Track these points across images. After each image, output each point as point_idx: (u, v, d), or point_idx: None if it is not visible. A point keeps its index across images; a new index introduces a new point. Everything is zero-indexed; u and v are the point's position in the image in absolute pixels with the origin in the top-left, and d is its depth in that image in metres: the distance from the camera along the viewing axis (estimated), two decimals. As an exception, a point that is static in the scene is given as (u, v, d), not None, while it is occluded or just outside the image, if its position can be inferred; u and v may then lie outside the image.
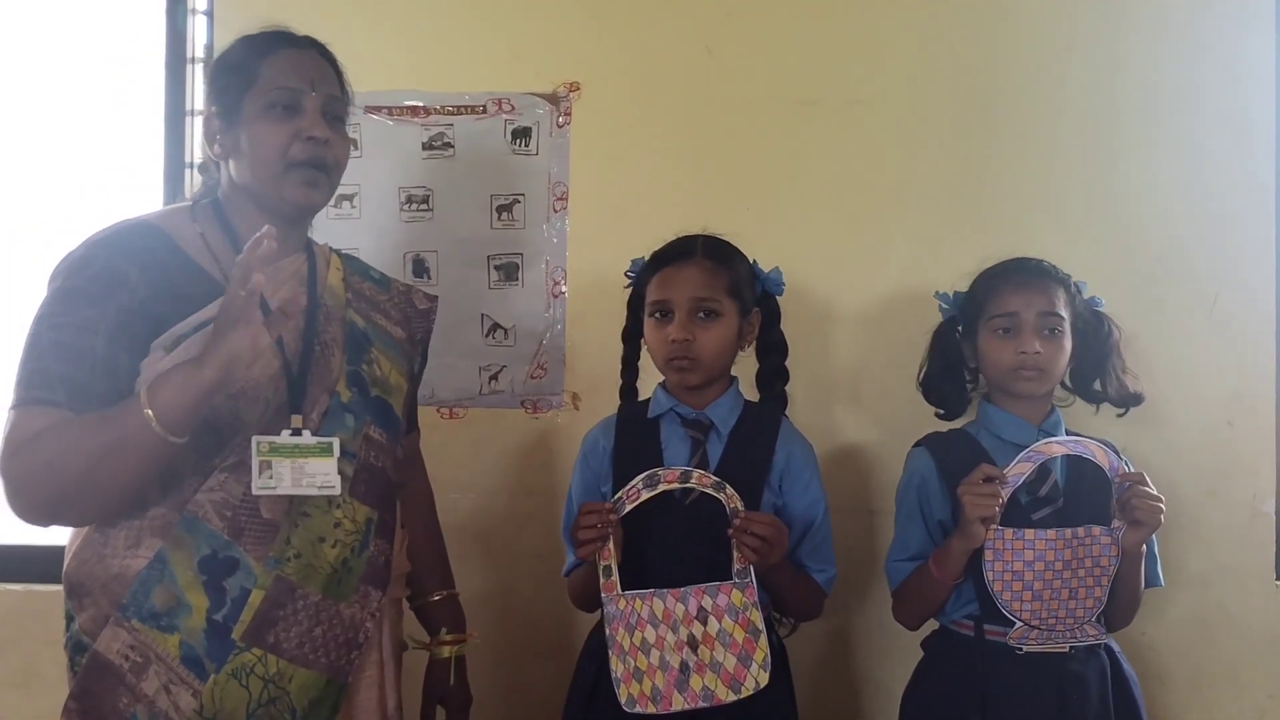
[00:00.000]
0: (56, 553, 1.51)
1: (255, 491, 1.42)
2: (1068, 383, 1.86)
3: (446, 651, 1.77)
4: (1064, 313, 1.76)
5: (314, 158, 1.52)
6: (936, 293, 1.90)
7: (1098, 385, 1.85)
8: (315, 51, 1.57)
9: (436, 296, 1.81)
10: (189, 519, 1.41)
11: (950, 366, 1.88)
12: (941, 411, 1.90)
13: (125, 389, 1.39)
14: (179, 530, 1.40)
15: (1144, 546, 1.73)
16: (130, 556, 1.40)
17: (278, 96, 1.50)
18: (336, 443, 1.46)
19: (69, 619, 1.44)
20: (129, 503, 1.41)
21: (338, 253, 1.71)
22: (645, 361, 1.89)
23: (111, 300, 1.39)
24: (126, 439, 1.32)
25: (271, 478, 1.42)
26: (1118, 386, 1.84)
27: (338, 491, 1.46)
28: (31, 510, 1.38)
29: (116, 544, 1.41)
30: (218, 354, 1.30)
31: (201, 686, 1.37)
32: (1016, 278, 1.79)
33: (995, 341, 1.78)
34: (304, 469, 1.43)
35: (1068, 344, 1.77)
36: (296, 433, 1.45)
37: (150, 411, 1.30)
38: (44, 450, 1.33)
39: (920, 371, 1.92)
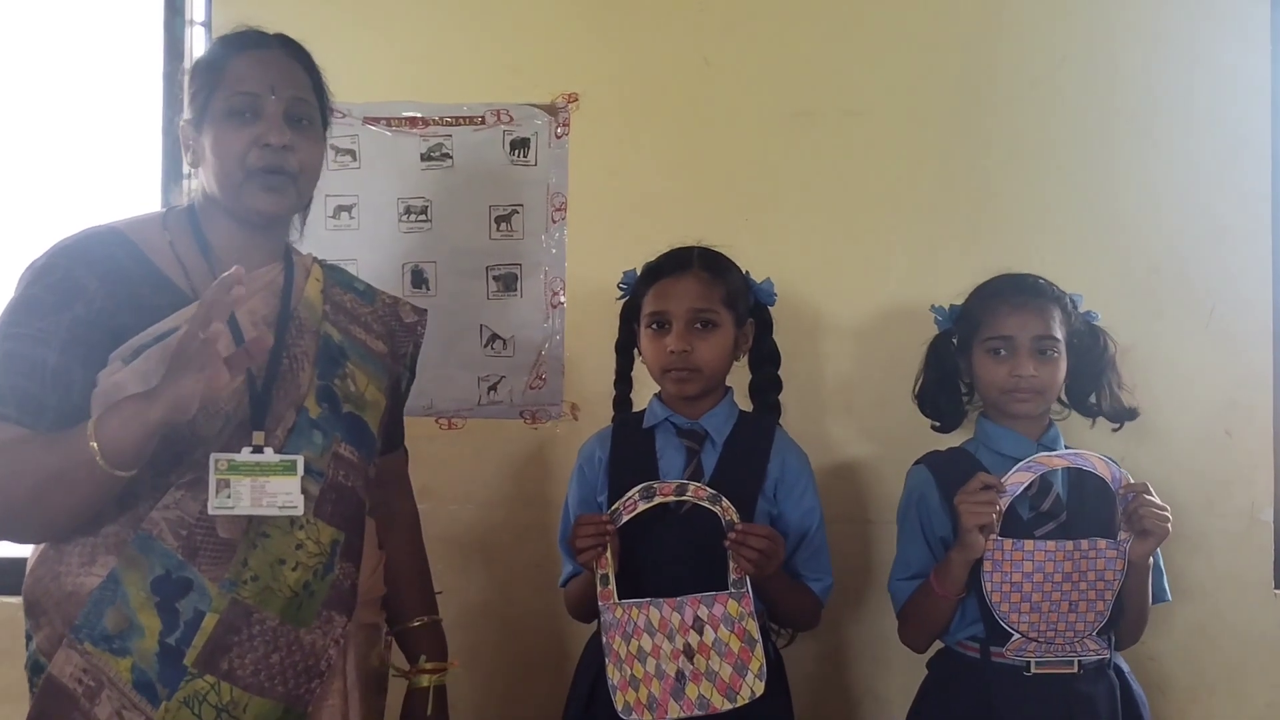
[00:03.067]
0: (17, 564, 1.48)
1: (211, 511, 1.36)
2: (1063, 397, 1.86)
3: (425, 680, 1.70)
4: (1059, 334, 1.76)
5: (271, 165, 1.45)
6: (932, 306, 1.90)
7: (1093, 399, 1.86)
8: (282, 51, 1.51)
9: (425, 310, 1.76)
10: (143, 537, 1.36)
11: (945, 379, 1.88)
12: (938, 424, 1.90)
13: (79, 402, 1.35)
14: (132, 549, 1.35)
15: (1150, 559, 1.72)
16: (84, 574, 1.35)
17: (238, 102, 1.45)
18: (301, 461, 1.40)
19: (28, 637, 1.39)
20: (77, 526, 1.35)
21: (321, 263, 1.66)
22: (640, 372, 1.90)
23: (68, 310, 1.35)
24: (74, 468, 1.27)
25: (229, 496, 1.36)
26: (1112, 401, 1.85)
27: (300, 512, 1.40)
28: None
29: (71, 561, 1.36)
30: (166, 395, 1.24)
31: (154, 713, 1.32)
32: (1013, 298, 1.78)
33: (990, 362, 1.78)
34: (265, 488, 1.37)
35: (1063, 364, 1.77)
36: (258, 450, 1.40)
37: (95, 444, 1.24)
38: None
39: (916, 384, 1.93)
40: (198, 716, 1.34)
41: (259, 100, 1.46)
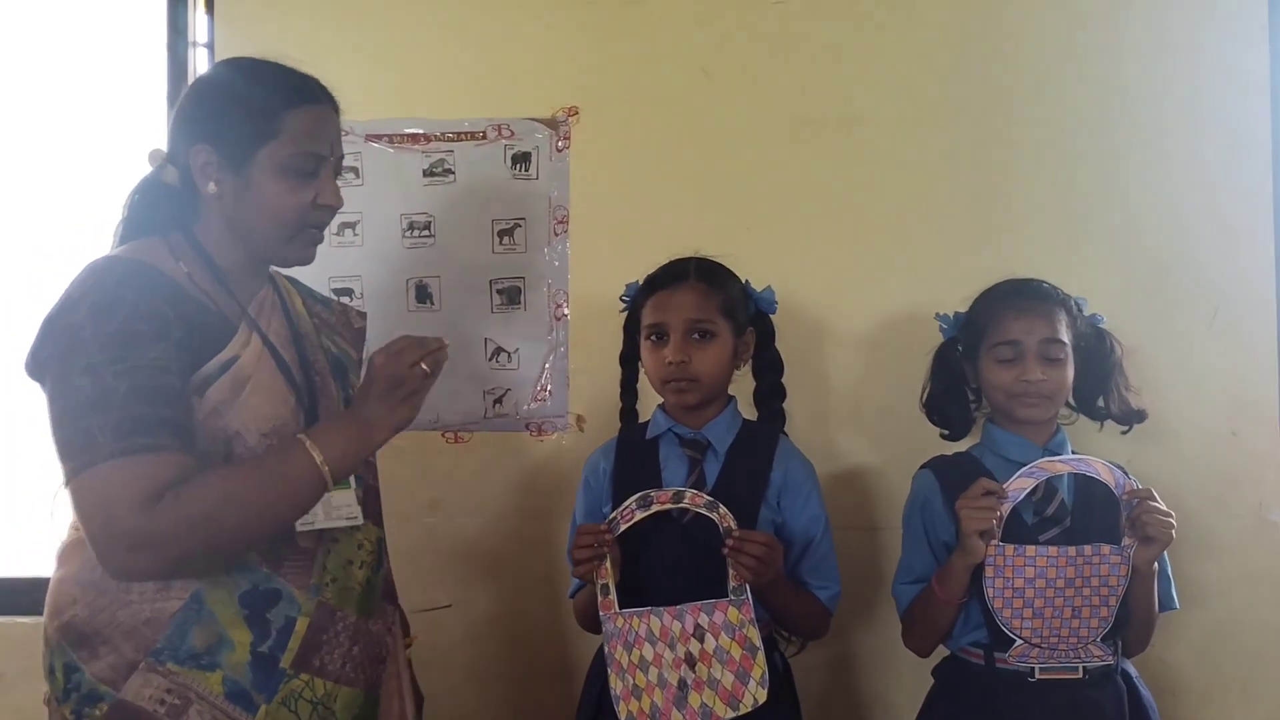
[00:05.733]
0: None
1: (298, 529, 1.43)
2: (1070, 401, 1.85)
3: (409, 653, 1.73)
4: (1065, 337, 1.76)
5: (323, 222, 1.52)
6: (937, 314, 1.90)
7: (1101, 403, 1.85)
8: (330, 106, 1.53)
9: (366, 313, 1.79)
10: None
11: (952, 387, 1.88)
12: (946, 432, 1.90)
13: (196, 427, 1.36)
14: (217, 569, 1.39)
15: (1155, 566, 1.71)
16: (161, 599, 1.37)
17: (300, 162, 1.46)
18: (353, 475, 1.48)
19: (70, 670, 1.38)
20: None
21: (288, 278, 1.67)
22: (645, 384, 1.90)
23: (166, 338, 1.35)
24: (301, 488, 1.37)
25: (310, 515, 1.43)
26: (1120, 403, 1.83)
27: (360, 521, 1.49)
28: (168, 565, 1.33)
29: (144, 589, 1.37)
30: (390, 422, 1.42)
31: (250, 719, 1.38)
32: (1018, 303, 1.78)
33: (997, 368, 1.77)
34: (330, 502, 1.45)
35: (1071, 368, 1.77)
36: None
37: (321, 460, 1.36)
38: (196, 502, 1.29)
39: (923, 393, 1.92)
40: (295, 713, 1.41)
41: (321, 162, 1.49)
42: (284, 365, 1.48)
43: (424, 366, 1.41)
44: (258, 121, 1.44)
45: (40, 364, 1.37)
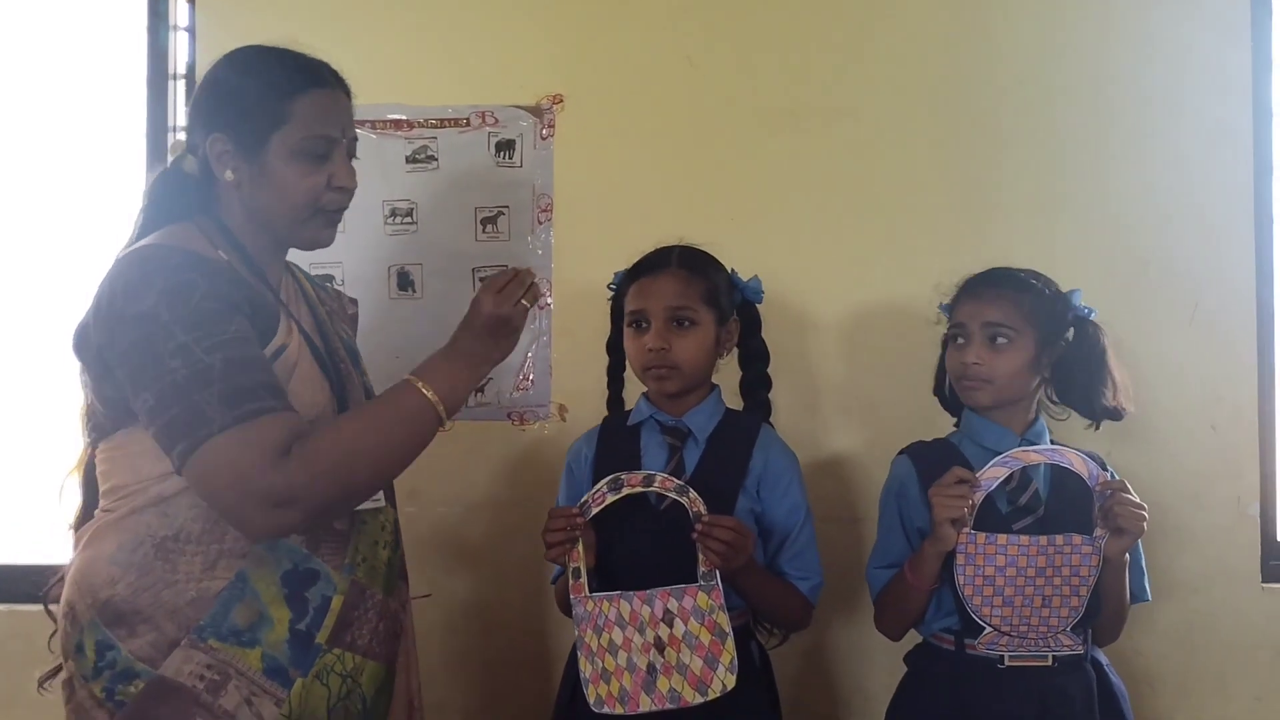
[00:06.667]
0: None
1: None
2: (1052, 395, 1.83)
3: None
4: (1015, 323, 1.74)
5: (342, 204, 1.55)
6: (940, 304, 1.88)
7: (1088, 397, 1.79)
8: (341, 90, 1.55)
9: (357, 300, 1.83)
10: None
11: (946, 373, 1.88)
12: (956, 418, 1.90)
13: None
14: (260, 550, 1.43)
15: (1128, 557, 1.72)
16: (208, 579, 1.41)
17: (311, 145, 1.49)
18: None
19: (104, 648, 1.40)
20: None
21: (295, 265, 1.70)
22: (631, 372, 1.89)
23: (240, 313, 1.39)
24: (420, 426, 1.43)
25: None
26: (1101, 398, 1.78)
27: (383, 503, 1.57)
28: (307, 516, 1.37)
29: (191, 568, 1.41)
30: (495, 356, 1.52)
31: (285, 694, 1.42)
32: (974, 288, 1.80)
33: (951, 351, 1.81)
34: None
35: (1020, 355, 1.74)
36: None
37: (433, 396, 1.43)
38: (323, 450, 1.35)
39: (934, 380, 1.93)
40: (326, 686, 1.46)
41: (333, 144, 1.51)
42: (318, 353, 1.53)
43: (524, 302, 1.50)
44: (269, 108, 1.48)
45: (104, 352, 1.39)
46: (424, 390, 1.43)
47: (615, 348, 1.92)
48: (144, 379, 1.35)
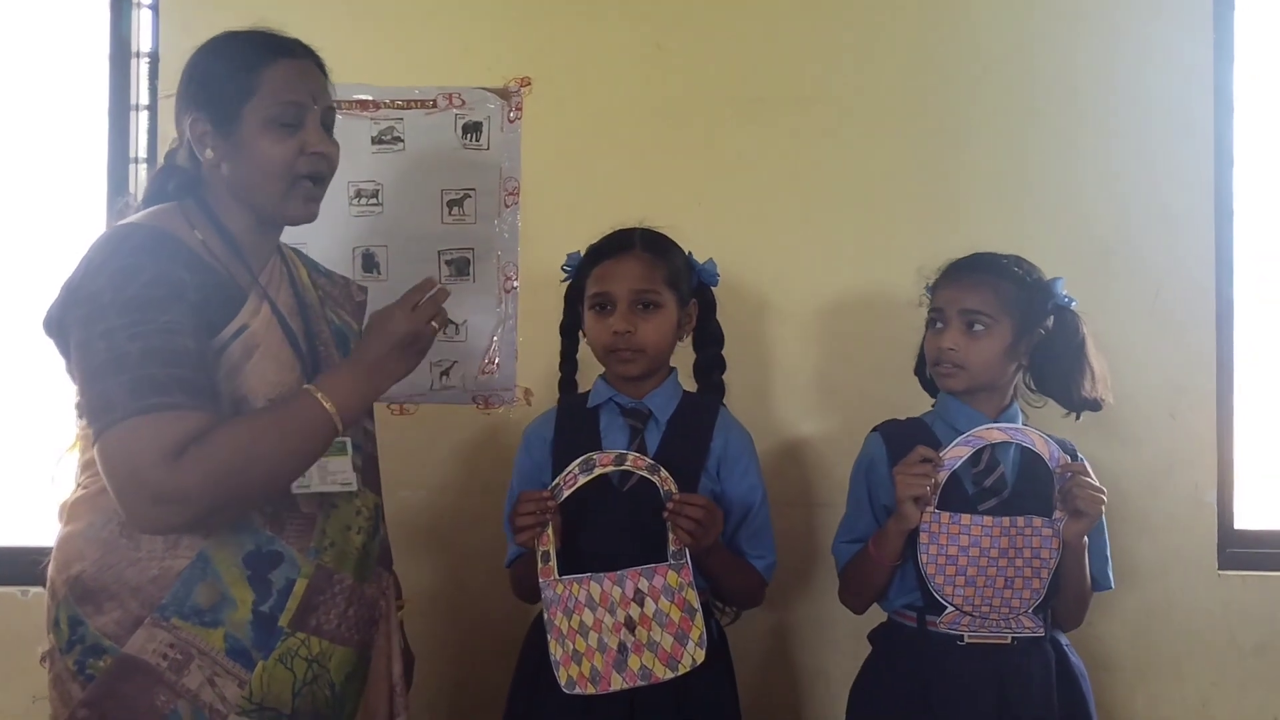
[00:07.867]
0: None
1: (293, 491, 1.48)
2: (1029, 383, 1.84)
3: (401, 614, 1.78)
4: (993, 311, 1.75)
5: (315, 171, 1.53)
6: (926, 285, 1.88)
7: (1066, 387, 1.80)
8: (311, 61, 1.56)
9: (367, 288, 1.81)
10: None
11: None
12: (934, 399, 1.90)
13: (217, 386, 1.40)
14: (223, 531, 1.43)
15: (1086, 541, 1.72)
16: (169, 558, 1.42)
17: (281, 112, 1.49)
18: (349, 441, 1.54)
19: (75, 623, 1.42)
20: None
21: (294, 250, 1.71)
22: (585, 354, 1.89)
23: (181, 302, 1.38)
24: (314, 435, 1.41)
25: (305, 477, 1.48)
26: (1080, 389, 1.78)
27: (355, 487, 1.55)
28: (193, 517, 1.35)
29: (154, 547, 1.42)
30: (400, 371, 1.49)
31: (248, 676, 1.43)
32: (952, 274, 1.82)
33: (929, 335, 1.82)
34: (326, 468, 1.50)
35: (997, 342, 1.75)
36: None
37: (332, 408, 1.41)
38: (217, 454, 1.32)
39: (916, 362, 1.93)
40: (290, 670, 1.46)
41: (303, 111, 1.51)
42: (291, 334, 1.52)
43: (434, 324, 1.50)
44: (238, 81, 1.49)
45: (64, 328, 1.41)
46: (323, 401, 1.41)
47: (569, 331, 1.91)
48: (78, 356, 1.38)
